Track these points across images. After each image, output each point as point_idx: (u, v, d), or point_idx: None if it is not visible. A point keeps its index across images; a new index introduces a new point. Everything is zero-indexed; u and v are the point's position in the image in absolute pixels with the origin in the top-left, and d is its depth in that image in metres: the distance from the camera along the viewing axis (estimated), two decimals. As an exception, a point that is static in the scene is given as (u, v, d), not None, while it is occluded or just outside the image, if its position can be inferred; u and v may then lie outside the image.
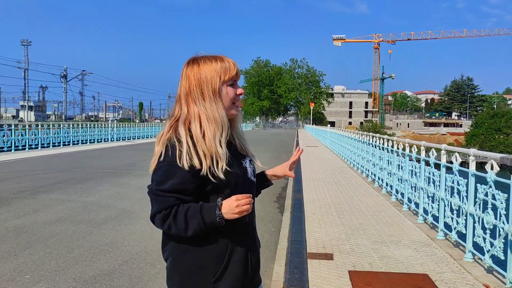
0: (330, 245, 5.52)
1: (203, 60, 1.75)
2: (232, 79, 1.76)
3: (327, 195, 9.29)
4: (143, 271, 4.65)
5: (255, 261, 1.79)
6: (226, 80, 1.74)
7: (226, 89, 1.75)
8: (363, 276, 4.41)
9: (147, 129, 39.75)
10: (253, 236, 1.82)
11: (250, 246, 1.76)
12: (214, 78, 1.72)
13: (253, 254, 1.78)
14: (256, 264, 1.81)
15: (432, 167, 6.56)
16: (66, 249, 5.33)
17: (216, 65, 1.74)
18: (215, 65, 1.74)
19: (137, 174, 12.33)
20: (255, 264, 1.79)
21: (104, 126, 32.17)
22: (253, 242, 1.80)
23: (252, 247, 1.78)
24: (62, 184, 10.31)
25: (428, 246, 5.59)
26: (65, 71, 58.49)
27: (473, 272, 4.61)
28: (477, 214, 4.83)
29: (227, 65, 1.75)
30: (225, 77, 1.73)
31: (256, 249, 1.82)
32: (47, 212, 7.33)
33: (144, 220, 6.90)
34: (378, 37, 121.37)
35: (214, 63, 1.75)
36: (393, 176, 9.08)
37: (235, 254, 1.70)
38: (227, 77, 1.74)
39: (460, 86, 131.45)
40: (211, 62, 1.75)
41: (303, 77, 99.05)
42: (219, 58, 1.77)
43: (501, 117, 59.07)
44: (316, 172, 13.61)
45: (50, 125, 24.60)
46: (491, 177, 4.52)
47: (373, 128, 78.26)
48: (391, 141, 9.88)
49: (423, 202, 6.91)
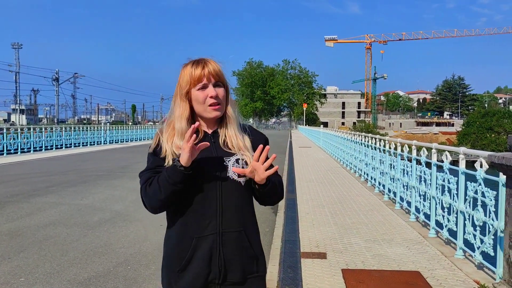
0: (324, 244, 5.57)
1: (184, 65, 1.85)
2: (199, 82, 1.79)
3: (320, 195, 9.35)
4: (138, 272, 4.67)
5: (228, 263, 1.77)
6: (194, 85, 1.80)
7: (196, 93, 1.81)
8: (356, 274, 4.47)
9: (140, 131, 39.67)
10: (228, 238, 1.77)
11: (219, 246, 1.76)
12: (185, 82, 1.82)
13: (224, 257, 1.76)
14: (232, 268, 1.78)
15: (423, 166, 6.64)
16: (60, 251, 5.34)
17: (189, 69, 1.81)
18: (188, 70, 1.82)
19: (130, 177, 12.32)
20: (227, 267, 1.77)
21: (97, 129, 32.06)
22: (226, 244, 1.77)
23: (224, 249, 1.76)
24: (55, 187, 10.29)
25: (420, 244, 5.66)
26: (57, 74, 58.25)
27: (464, 269, 4.68)
28: (468, 212, 4.91)
29: (192, 70, 1.80)
30: (193, 82, 1.80)
31: (232, 253, 1.78)
32: (41, 215, 7.33)
33: (139, 222, 6.92)
34: (370, 38, 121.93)
35: (189, 67, 1.82)
36: (385, 175, 9.16)
37: (199, 250, 1.76)
38: (193, 82, 1.80)
39: (452, 85, 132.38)
40: (186, 66, 1.84)
41: (296, 78, 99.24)
42: (196, 62, 1.82)
43: (492, 116, 59.52)
44: (309, 173, 13.68)
45: (42, 129, 24.47)
46: (480, 175, 4.60)
47: (366, 128, 78.49)
48: (383, 140, 9.97)
49: (415, 201, 6.98)
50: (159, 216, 7.60)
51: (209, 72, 1.79)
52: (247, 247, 1.81)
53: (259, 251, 1.88)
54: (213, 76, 1.80)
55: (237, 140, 1.83)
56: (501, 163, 3.60)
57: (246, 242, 1.81)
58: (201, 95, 1.79)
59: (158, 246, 5.64)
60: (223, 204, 1.77)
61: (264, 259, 1.92)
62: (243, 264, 1.80)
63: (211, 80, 1.80)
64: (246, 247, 1.81)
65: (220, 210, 1.77)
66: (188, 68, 1.82)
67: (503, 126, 56.12)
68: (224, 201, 1.77)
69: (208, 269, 1.77)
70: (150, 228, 6.54)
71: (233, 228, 1.78)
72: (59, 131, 25.71)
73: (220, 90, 1.82)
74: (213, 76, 1.80)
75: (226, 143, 1.83)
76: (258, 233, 1.91)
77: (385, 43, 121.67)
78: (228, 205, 1.78)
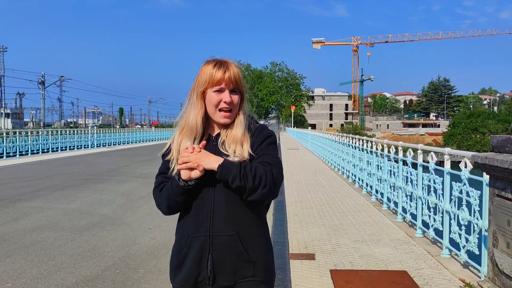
0: (312, 245, 5.61)
1: (207, 63, 1.86)
2: (217, 85, 1.80)
3: (308, 197, 9.40)
4: (127, 276, 4.66)
5: (217, 266, 1.78)
6: (211, 86, 1.81)
7: (211, 94, 1.82)
8: (344, 275, 4.51)
9: (128, 134, 39.40)
10: (219, 242, 1.78)
11: (210, 249, 1.78)
12: (203, 81, 1.83)
13: (214, 260, 1.78)
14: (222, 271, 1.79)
15: (409, 167, 6.72)
16: (47, 256, 5.30)
17: (210, 69, 1.82)
18: (210, 70, 1.82)
19: (118, 180, 12.25)
20: (216, 270, 1.78)
21: (84, 132, 31.79)
22: (217, 248, 1.78)
23: (214, 252, 1.78)
24: (42, 191, 10.19)
25: (407, 243, 5.73)
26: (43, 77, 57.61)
27: (450, 268, 4.75)
28: (453, 211, 4.99)
29: (213, 71, 1.81)
30: (211, 83, 1.81)
31: (222, 256, 1.78)
32: (27, 220, 7.25)
33: (127, 225, 6.89)
34: (356, 40, 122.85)
35: (211, 67, 1.83)
36: (373, 176, 9.25)
37: (192, 249, 1.82)
38: (211, 83, 1.81)
39: (437, 87, 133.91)
40: (208, 65, 1.84)
41: (284, 80, 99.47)
42: (219, 64, 1.83)
43: (477, 117, 60.40)
44: (297, 174, 13.74)
45: (28, 132, 24.20)
46: (465, 175, 4.68)
47: (353, 129, 79.06)
48: (370, 142, 10.06)
49: (402, 201, 7.07)
50: (147, 219, 7.54)
51: (229, 78, 1.80)
52: (240, 251, 1.79)
53: (258, 256, 1.82)
54: (232, 82, 1.82)
55: (235, 144, 1.82)
56: (484, 163, 3.67)
57: (240, 247, 1.79)
58: (216, 98, 1.81)
59: (146, 249, 5.63)
60: (214, 207, 1.79)
61: (266, 263, 1.85)
62: (235, 268, 1.79)
63: (229, 86, 1.82)
64: (240, 251, 1.79)
65: (212, 213, 1.78)
66: (209, 68, 1.82)
67: (488, 127, 56.95)
68: (216, 205, 1.79)
69: (198, 270, 1.80)
70: (138, 231, 6.52)
71: (224, 232, 1.78)
72: (45, 135, 25.45)
73: (235, 97, 1.84)
74: (232, 82, 1.82)
75: (224, 143, 1.84)
76: (259, 237, 1.85)
77: (371, 45, 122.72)
78: (220, 208, 1.78)
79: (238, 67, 1.84)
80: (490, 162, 3.57)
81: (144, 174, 13.55)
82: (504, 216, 3.53)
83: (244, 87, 1.88)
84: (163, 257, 5.24)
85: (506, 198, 3.53)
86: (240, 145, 1.81)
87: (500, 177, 3.58)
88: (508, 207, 3.48)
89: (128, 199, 9.12)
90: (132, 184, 11.54)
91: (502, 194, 3.59)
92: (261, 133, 1.88)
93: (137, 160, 19.46)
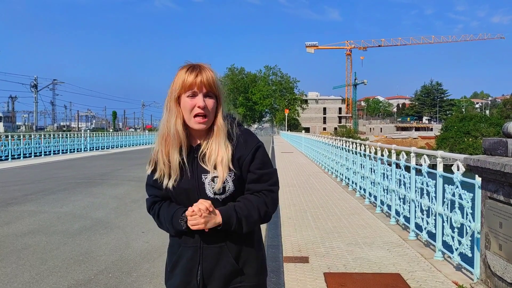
0: (306, 249, 5.61)
1: (181, 68, 1.82)
2: (189, 89, 1.76)
3: (302, 200, 9.40)
4: (119, 280, 4.63)
5: (207, 277, 1.80)
6: (184, 91, 1.77)
7: (185, 100, 1.78)
8: (338, 278, 4.51)
9: (121, 138, 39.27)
10: (208, 253, 1.80)
11: (200, 259, 1.81)
12: (177, 86, 1.78)
13: (203, 270, 1.81)
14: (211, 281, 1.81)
15: (402, 170, 6.75)
16: (39, 260, 5.25)
17: (183, 74, 1.78)
18: (182, 75, 1.78)
19: (111, 184, 12.19)
20: (205, 280, 1.81)
21: (77, 136, 31.62)
22: (207, 259, 1.80)
23: (204, 263, 1.81)
24: (34, 195, 10.11)
25: (400, 246, 5.74)
26: (35, 80, 57.24)
27: (443, 270, 4.77)
28: (446, 214, 5.01)
29: (186, 76, 1.76)
30: (184, 88, 1.77)
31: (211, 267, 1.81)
32: (19, 224, 7.19)
33: (120, 229, 6.85)
34: (350, 44, 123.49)
35: (183, 72, 1.79)
36: (366, 179, 9.27)
37: (183, 258, 1.86)
38: (184, 88, 1.77)
39: (430, 91, 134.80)
40: (181, 70, 1.81)
41: (277, 84, 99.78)
42: (191, 68, 1.78)
43: (469, 121, 60.79)
44: (291, 178, 13.75)
45: (21, 136, 24.04)
46: (457, 177, 4.70)
47: (347, 133, 79.29)
48: (363, 145, 10.10)
49: (395, 204, 7.09)
50: (140, 223, 7.50)
51: (201, 81, 1.75)
52: (229, 262, 1.80)
53: (248, 263, 1.84)
54: (204, 85, 1.76)
55: (217, 155, 1.77)
56: (476, 165, 3.69)
57: (229, 257, 1.80)
58: (189, 103, 1.76)
59: (140, 253, 5.60)
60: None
61: (256, 268, 1.87)
62: (224, 278, 1.81)
63: (202, 90, 1.77)
64: (229, 262, 1.80)
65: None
66: (182, 73, 1.79)
67: (480, 130, 57.33)
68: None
69: (189, 279, 1.83)
70: (131, 235, 6.49)
71: (213, 244, 1.80)
72: (38, 138, 25.29)
73: (210, 102, 1.78)
74: (204, 86, 1.76)
75: (205, 157, 1.79)
76: (249, 246, 1.85)
77: (365, 49, 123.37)
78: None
79: (212, 71, 1.80)
80: (482, 164, 3.59)
81: (137, 177, 13.49)
82: (496, 218, 3.55)
83: (220, 91, 1.83)
84: (156, 261, 5.22)
85: (498, 200, 3.55)
86: (220, 160, 1.77)
87: (492, 180, 3.61)
88: (500, 209, 3.50)
89: (121, 203, 9.07)
90: (125, 187, 11.48)
91: (494, 196, 3.61)
92: (247, 144, 1.82)
93: (131, 164, 19.37)
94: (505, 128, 3.62)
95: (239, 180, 1.81)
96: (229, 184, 1.78)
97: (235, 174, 1.79)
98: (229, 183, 1.78)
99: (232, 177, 1.78)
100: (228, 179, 1.77)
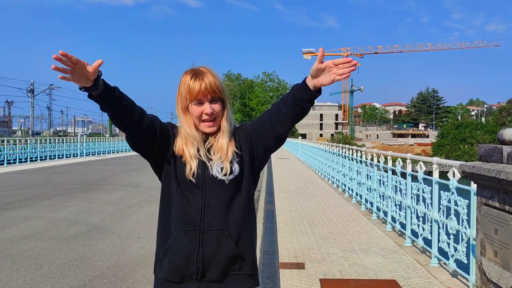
0: (302, 255, 5.60)
1: (185, 74, 1.86)
2: (195, 98, 1.82)
3: (298, 206, 9.40)
4: (115, 285, 4.60)
5: (207, 261, 1.78)
6: (191, 100, 1.83)
7: (193, 108, 1.84)
8: (334, 284, 4.51)
9: (118, 143, 39.19)
10: (209, 236, 1.79)
11: (200, 244, 1.78)
12: (184, 95, 1.84)
13: (203, 255, 1.78)
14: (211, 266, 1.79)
15: (398, 176, 6.76)
16: (34, 266, 5.22)
17: (187, 81, 1.82)
18: (187, 82, 1.82)
19: (107, 189, 12.15)
20: (205, 265, 1.78)
21: (73, 141, 31.54)
22: (207, 243, 1.78)
23: (204, 247, 1.78)
24: (29, 200, 10.06)
25: (396, 253, 5.74)
26: (32, 85, 57.13)
27: (439, 277, 4.77)
28: (441, 220, 5.02)
29: (190, 84, 1.81)
30: (190, 97, 1.82)
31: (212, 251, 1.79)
32: (14, 229, 7.15)
33: (115, 234, 6.83)
34: (346, 51, 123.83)
35: (188, 78, 1.83)
36: (362, 186, 9.28)
37: (177, 242, 1.81)
38: (190, 98, 1.82)
39: (426, 98, 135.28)
40: (186, 76, 1.84)
41: (275, 90, 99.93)
42: (195, 75, 1.83)
43: (465, 128, 61.10)
44: (288, 184, 13.75)
45: (17, 141, 23.96)
46: (453, 184, 4.72)
47: (343, 139, 79.43)
48: (359, 151, 10.12)
49: (391, 211, 7.10)
50: (136, 229, 7.48)
51: (206, 88, 1.80)
52: (230, 246, 1.81)
53: (245, 250, 1.85)
54: (209, 92, 1.81)
55: (221, 151, 1.84)
56: (472, 172, 3.71)
57: (230, 242, 1.80)
58: (197, 111, 1.83)
59: (135, 258, 5.58)
60: (205, 202, 1.79)
61: (252, 258, 1.88)
62: (224, 263, 1.80)
63: (207, 97, 1.82)
64: (229, 246, 1.80)
65: (203, 208, 1.79)
66: (187, 80, 1.83)
67: (476, 137, 57.60)
68: (206, 199, 1.79)
69: (186, 264, 1.79)
70: (127, 240, 6.46)
71: (214, 227, 1.79)
72: (34, 143, 25.21)
73: (216, 106, 1.84)
74: (209, 93, 1.82)
75: (211, 148, 1.86)
76: (246, 231, 1.86)
77: (361, 56, 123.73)
78: (211, 203, 1.79)
79: (214, 75, 1.84)
80: (477, 171, 3.61)
81: (134, 183, 13.46)
82: (491, 225, 3.56)
83: (225, 93, 1.88)
84: (152, 267, 5.17)
85: (493, 206, 3.56)
86: (225, 152, 1.84)
87: (487, 186, 3.62)
88: (495, 216, 3.51)
89: (117, 208, 9.04)
90: (121, 193, 11.45)
91: (489, 203, 3.62)
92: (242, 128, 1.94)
93: (127, 169, 19.32)
94: (500, 135, 3.64)
95: (243, 162, 1.87)
96: (235, 166, 1.84)
97: (238, 156, 1.86)
98: (235, 164, 1.84)
99: (236, 159, 1.85)
100: (233, 161, 1.84)
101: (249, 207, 1.89)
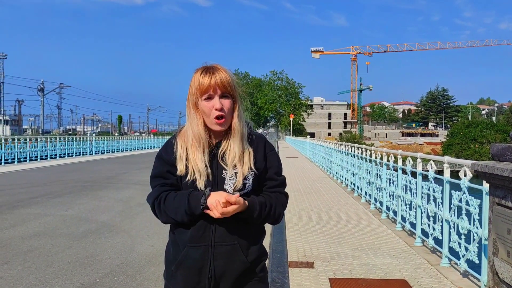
0: (311, 254, 5.59)
1: (196, 71, 1.84)
2: (205, 93, 1.78)
3: (307, 205, 9.38)
4: (125, 283, 4.63)
5: (219, 276, 1.78)
6: (201, 95, 1.80)
7: (203, 104, 1.80)
8: (343, 283, 4.49)
9: (127, 142, 39.39)
10: (220, 251, 1.78)
11: (211, 258, 1.77)
12: (194, 91, 1.81)
13: (215, 269, 1.78)
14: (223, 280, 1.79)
15: (408, 176, 6.72)
16: (45, 263, 5.27)
17: (198, 77, 1.80)
18: (197, 78, 1.80)
19: (117, 187, 12.22)
20: (217, 279, 1.78)
21: (83, 139, 31.76)
22: (218, 257, 1.78)
23: (215, 262, 1.77)
24: (40, 198, 10.15)
25: (406, 252, 5.71)
26: (42, 84, 57.67)
27: (450, 277, 4.73)
28: (452, 220, 4.97)
29: (200, 78, 1.79)
30: (200, 92, 1.79)
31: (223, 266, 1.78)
32: (25, 226, 7.22)
33: (125, 232, 6.86)
34: (355, 49, 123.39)
35: (198, 75, 1.81)
36: (372, 185, 9.23)
37: (189, 259, 1.80)
38: (200, 92, 1.79)
39: (436, 97, 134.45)
40: (196, 73, 1.82)
41: (283, 89, 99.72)
42: (205, 71, 1.80)
43: (475, 127, 60.50)
44: (296, 183, 13.73)
45: (27, 139, 24.18)
46: (464, 183, 4.67)
47: (352, 138, 79.14)
48: (369, 150, 10.06)
49: (401, 210, 7.05)
50: (145, 227, 7.50)
51: (216, 83, 1.77)
52: (241, 260, 1.80)
53: (256, 261, 1.85)
54: (219, 87, 1.78)
55: (235, 154, 1.80)
56: (484, 171, 3.67)
57: (242, 256, 1.80)
58: (207, 106, 1.79)
59: (145, 256, 5.60)
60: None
61: (262, 265, 1.89)
62: (236, 276, 1.80)
63: (217, 92, 1.78)
64: (241, 260, 1.80)
65: (214, 223, 1.77)
66: (197, 76, 1.81)
67: (486, 137, 57.02)
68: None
69: (198, 279, 1.79)
70: (136, 238, 6.49)
71: (226, 242, 1.78)
72: (44, 141, 25.42)
73: (226, 102, 1.79)
74: (219, 87, 1.78)
75: (224, 155, 1.82)
76: (257, 244, 1.86)
77: (370, 54, 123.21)
78: (223, 219, 1.73)
79: (227, 72, 1.81)
80: (490, 170, 3.57)
81: (143, 181, 13.51)
82: (504, 225, 3.52)
83: (236, 91, 1.84)
84: (161, 265, 5.20)
85: (506, 206, 3.52)
86: (240, 159, 1.81)
87: (500, 186, 3.58)
88: (508, 216, 3.47)
89: (126, 206, 9.08)
90: (130, 191, 11.51)
91: (502, 203, 3.58)
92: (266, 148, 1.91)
93: (136, 167, 19.42)
94: (513, 134, 3.59)
95: (257, 180, 1.85)
96: (249, 182, 1.82)
97: (254, 174, 1.83)
98: (249, 180, 1.82)
99: (252, 175, 1.83)
100: (249, 177, 1.82)
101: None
